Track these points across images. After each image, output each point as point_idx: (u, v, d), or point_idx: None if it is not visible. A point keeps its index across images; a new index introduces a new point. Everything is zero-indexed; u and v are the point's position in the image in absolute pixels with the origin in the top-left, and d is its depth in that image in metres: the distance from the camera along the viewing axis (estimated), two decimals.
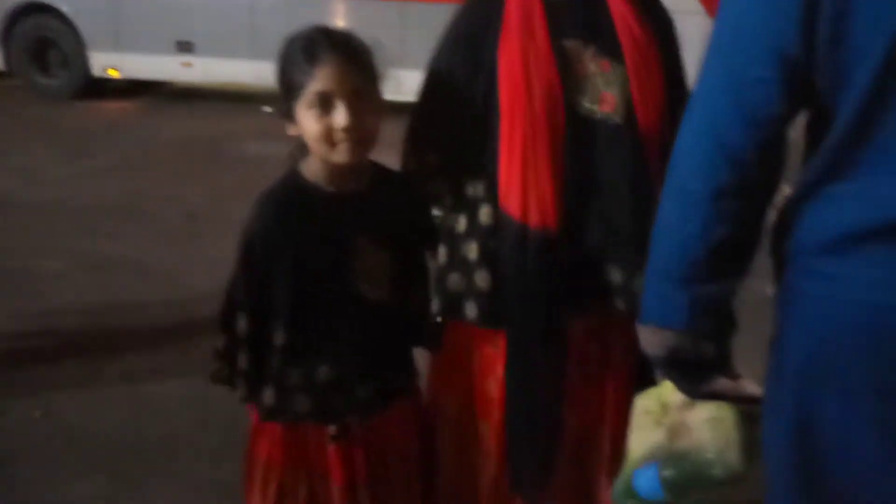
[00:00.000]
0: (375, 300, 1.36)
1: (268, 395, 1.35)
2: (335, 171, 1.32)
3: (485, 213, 1.34)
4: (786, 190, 0.95)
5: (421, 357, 1.52)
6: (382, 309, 1.38)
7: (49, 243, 3.90)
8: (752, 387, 1.06)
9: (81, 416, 2.47)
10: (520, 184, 1.27)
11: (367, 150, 1.31)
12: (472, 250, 1.35)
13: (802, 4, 0.83)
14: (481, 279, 1.35)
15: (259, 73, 6.79)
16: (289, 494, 1.41)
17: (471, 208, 1.36)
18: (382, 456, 1.43)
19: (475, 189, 1.35)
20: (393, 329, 1.41)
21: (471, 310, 1.37)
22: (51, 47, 7.54)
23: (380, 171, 1.41)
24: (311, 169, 1.34)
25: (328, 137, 1.25)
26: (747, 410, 1.07)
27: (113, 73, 7.47)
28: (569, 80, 1.27)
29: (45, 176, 5.08)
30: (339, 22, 6.86)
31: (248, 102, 7.18)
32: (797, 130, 0.95)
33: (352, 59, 1.26)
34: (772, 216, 0.97)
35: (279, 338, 1.32)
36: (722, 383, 1.05)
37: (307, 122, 1.26)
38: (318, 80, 1.23)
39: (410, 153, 1.42)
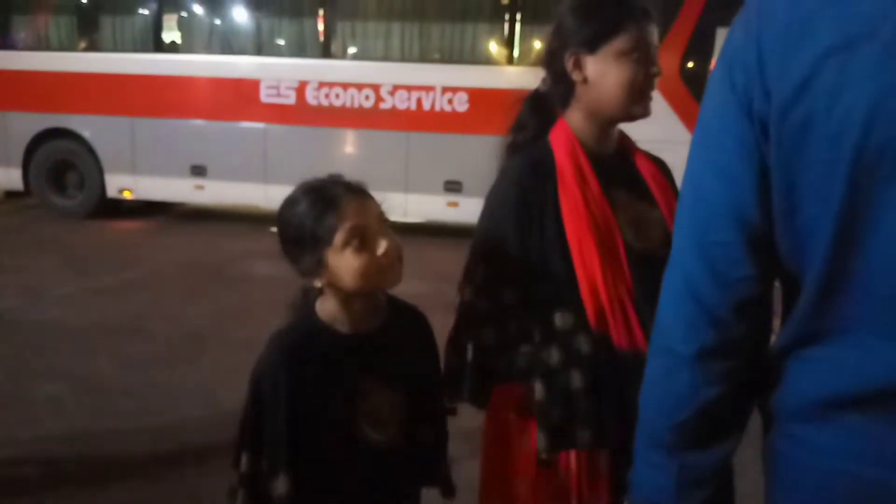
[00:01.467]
0: (381, 442, 1.33)
1: None
2: (355, 310, 1.32)
3: (582, 342, 1.37)
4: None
5: None
6: (389, 451, 1.34)
7: (47, 365, 3.86)
8: None
9: None
10: (610, 311, 1.35)
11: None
12: (575, 379, 1.38)
13: (756, 174, 0.82)
14: (591, 405, 1.38)
15: (269, 195, 7.02)
16: None
17: (564, 339, 1.38)
18: None
19: (564, 320, 1.38)
20: (399, 468, 1.38)
21: (583, 436, 1.39)
22: (69, 169, 7.82)
23: (395, 304, 1.41)
24: (327, 310, 1.33)
25: (371, 268, 1.25)
26: None
27: (127, 195, 7.71)
28: (618, 220, 1.41)
29: (49, 295, 5.12)
30: (349, 149, 7.12)
31: (256, 223, 7.33)
32: None
33: (363, 191, 1.31)
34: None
35: (282, 486, 1.26)
36: None
37: (346, 262, 1.25)
38: (349, 218, 1.25)
39: (482, 294, 1.43)
